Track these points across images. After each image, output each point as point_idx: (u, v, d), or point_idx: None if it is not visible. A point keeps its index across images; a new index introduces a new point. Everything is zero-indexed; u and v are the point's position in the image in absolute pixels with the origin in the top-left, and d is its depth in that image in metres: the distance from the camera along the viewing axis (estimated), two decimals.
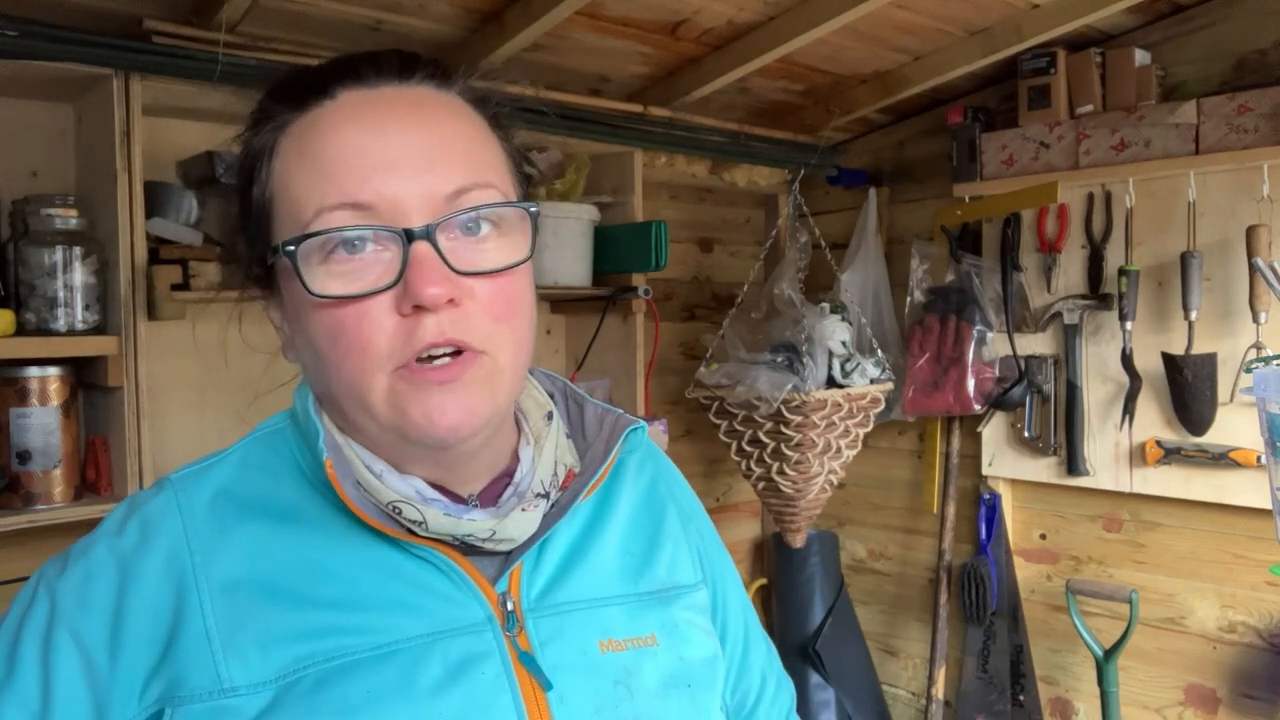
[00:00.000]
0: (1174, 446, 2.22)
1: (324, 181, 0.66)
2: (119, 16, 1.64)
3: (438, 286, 0.65)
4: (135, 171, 1.63)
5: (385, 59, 0.71)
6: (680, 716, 0.75)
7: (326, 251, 0.66)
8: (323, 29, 1.82)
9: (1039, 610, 2.56)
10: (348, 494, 0.69)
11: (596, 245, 2.32)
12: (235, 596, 0.67)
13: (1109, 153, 2.24)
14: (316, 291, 0.66)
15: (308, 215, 0.66)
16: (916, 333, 2.59)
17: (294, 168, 0.68)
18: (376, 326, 0.66)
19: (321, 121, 0.68)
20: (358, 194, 0.65)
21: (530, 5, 1.81)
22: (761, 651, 0.94)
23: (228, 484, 0.73)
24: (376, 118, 0.68)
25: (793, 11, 2.00)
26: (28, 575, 0.73)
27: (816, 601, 2.80)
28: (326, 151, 0.67)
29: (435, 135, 0.68)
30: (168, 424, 1.83)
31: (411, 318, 0.66)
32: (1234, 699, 2.25)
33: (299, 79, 0.71)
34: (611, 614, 0.75)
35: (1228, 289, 2.14)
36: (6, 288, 1.60)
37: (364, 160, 0.66)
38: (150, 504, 0.72)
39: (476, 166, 0.69)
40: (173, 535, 0.69)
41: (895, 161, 2.80)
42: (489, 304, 0.68)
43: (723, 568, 0.91)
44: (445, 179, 0.67)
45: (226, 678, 0.65)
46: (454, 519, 0.70)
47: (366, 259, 0.66)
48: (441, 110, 0.71)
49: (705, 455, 2.89)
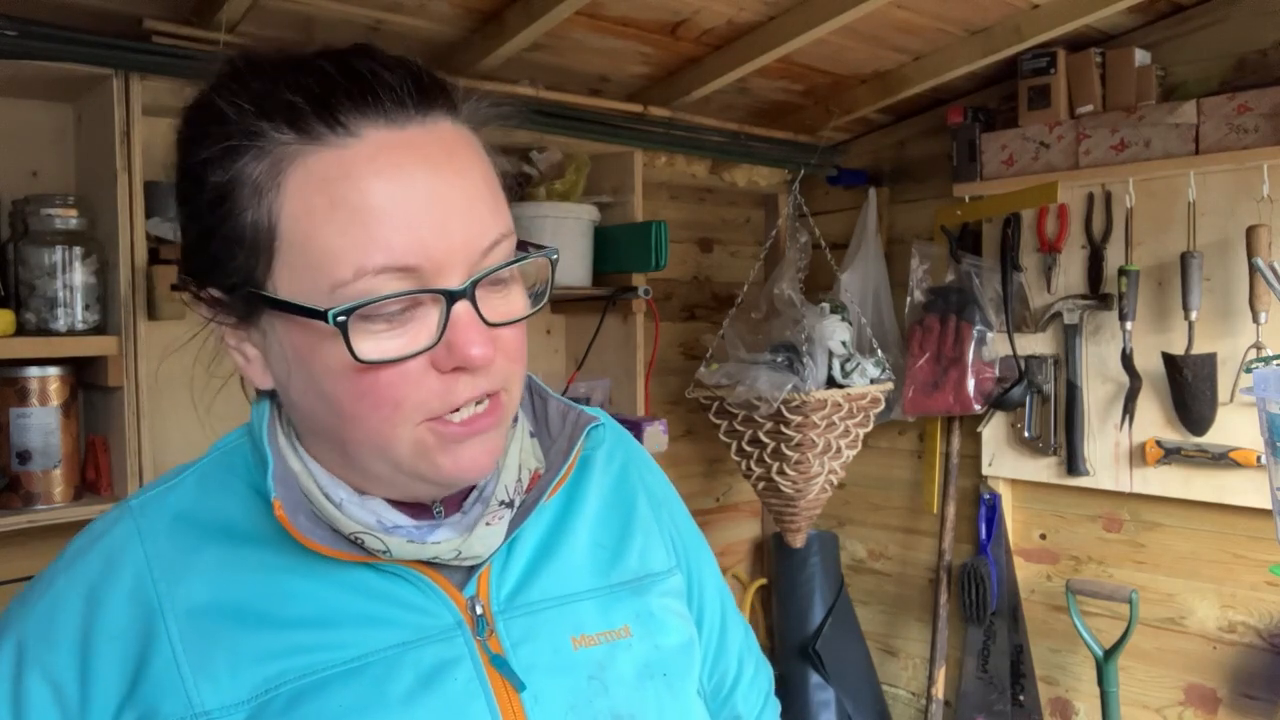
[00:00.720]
0: (1174, 446, 2.22)
1: (366, 240, 0.62)
2: (119, 16, 1.64)
3: (482, 348, 0.64)
4: (135, 171, 1.63)
5: (399, 87, 0.65)
6: (657, 706, 0.76)
7: (364, 315, 0.63)
8: (323, 29, 1.82)
9: (1039, 610, 2.56)
10: (300, 525, 0.67)
11: (596, 245, 2.32)
12: (202, 621, 0.67)
13: (1109, 153, 2.24)
14: (364, 358, 0.63)
15: (344, 274, 0.62)
16: (916, 333, 2.59)
17: (320, 216, 0.62)
18: (414, 384, 0.65)
19: (352, 168, 0.62)
20: (404, 258, 0.62)
21: (530, 5, 1.81)
22: (739, 634, 0.95)
23: (187, 507, 0.72)
24: (411, 167, 0.63)
25: (793, 11, 2.00)
26: (28, 575, 0.73)
27: (816, 601, 2.80)
28: (366, 205, 0.62)
29: (470, 185, 0.66)
30: (168, 424, 1.83)
31: (450, 375, 0.65)
32: (1234, 699, 2.25)
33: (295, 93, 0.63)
34: (583, 609, 0.76)
35: (1228, 289, 2.14)
36: (6, 288, 1.60)
37: (406, 218, 0.62)
38: (110, 533, 0.71)
39: (500, 213, 0.68)
40: (135, 564, 0.69)
41: (895, 161, 2.80)
42: (510, 349, 0.69)
43: (697, 552, 0.91)
44: (480, 234, 0.65)
45: (198, 702, 0.65)
46: (418, 545, 0.69)
47: (406, 318, 0.64)
48: (464, 152, 0.67)
49: (705, 455, 2.89)
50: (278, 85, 0.64)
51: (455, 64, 2.01)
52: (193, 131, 0.67)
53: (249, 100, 0.64)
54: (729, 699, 0.93)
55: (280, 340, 0.67)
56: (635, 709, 0.74)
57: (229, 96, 0.64)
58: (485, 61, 1.97)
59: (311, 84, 0.64)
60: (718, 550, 2.96)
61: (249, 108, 0.63)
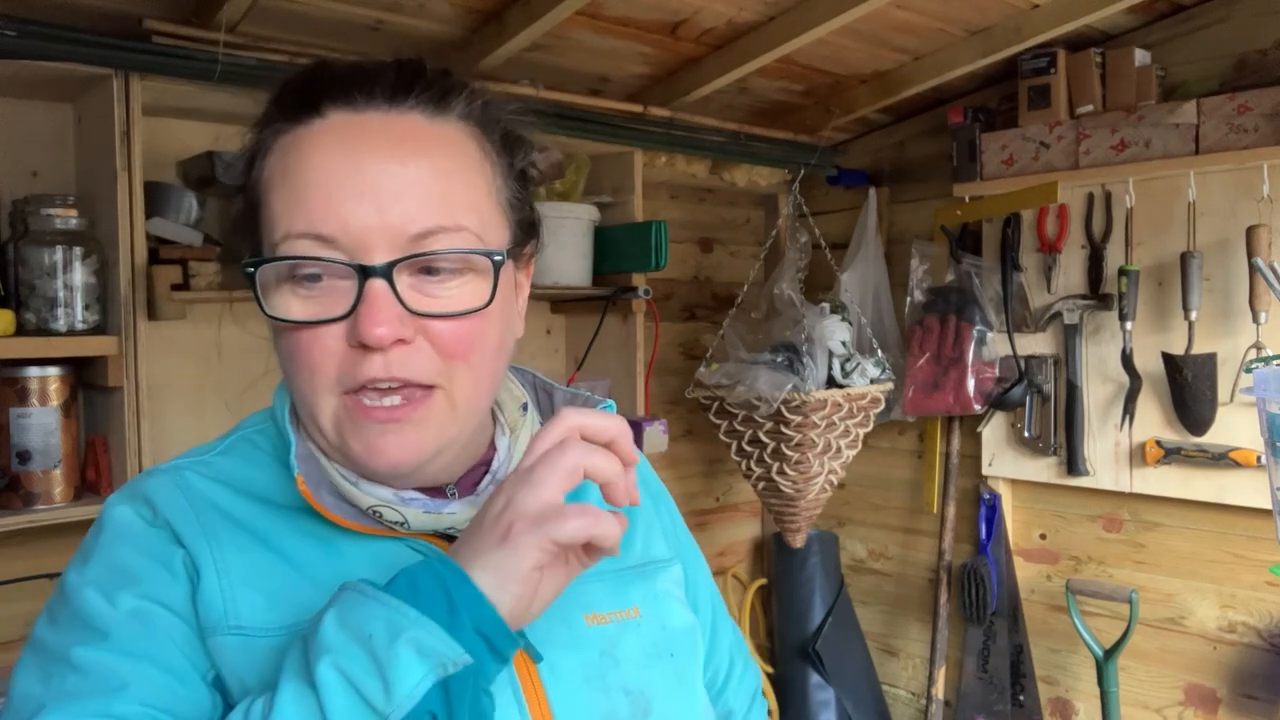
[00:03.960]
0: (1174, 446, 2.22)
1: (295, 205, 0.67)
2: (119, 16, 1.64)
3: (384, 327, 0.65)
4: (135, 171, 1.63)
5: (381, 78, 0.70)
6: (664, 683, 0.78)
7: (292, 274, 0.68)
8: (323, 29, 1.82)
9: (1039, 610, 2.56)
10: (324, 500, 0.71)
11: (596, 245, 2.32)
12: (244, 559, 0.70)
13: (1109, 153, 2.24)
14: (272, 313, 0.68)
15: (276, 236, 0.68)
16: (916, 333, 2.59)
17: (275, 182, 0.69)
18: (327, 352, 0.68)
19: (305, 142, 0.68)
20: (322, 226, 0.66)
21: (530, 5, 1.81)
22: (729, 632, 0.98)
23: (219, 473, 0.75)
24: (356, 148, 0.67)
25: (793, 11, 2.00)
26: (28, 575, 0.74)
27: (816, 601, 2.81)
28: (302, 175, 0.67)
29: (413, 172, 0.68)
30: (168, 424, 1.83)
31: (359, 350, 0.67)
32: (1234, 699, 2.25)
33: (297, 85, 0.71)
34: (594, 589, 0.78)
35: (1228, 289, 2.14)
36: (6, 288, 1.60)
37: (335, 191, 0.66)
38: (148, 483, 0.73)
39: (450, 207, 0.68)
40: (178, 506, 0.71)
41: (895, 161, 2.80)
42: (443, 343, 0.69)
43: (690, 549, 0.94)
44: (413, 219, 0.67)
45: (233, 615, 0.68)
46: (434, 515, 0.73)
47: (325, 287, 0.67)
48: (427, 144, 0.69)
49: (705, 455, 2.89)
50: (292, 83, 0.71)
51: (455, 64, 2.01)
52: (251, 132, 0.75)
53: (273, 95, 0.72)
54: (721, 695, 0.96)
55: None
56: (645, 685, 0.76)
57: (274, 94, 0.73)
58: (485, 61, 1.97)
59: (311, 79, 0.71)
60: (718, 550, 2.97)
61: (271, 100, 0.72)
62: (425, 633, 0.57)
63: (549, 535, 0.60)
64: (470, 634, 0.58)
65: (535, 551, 0.60)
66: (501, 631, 0.59)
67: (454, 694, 0.57)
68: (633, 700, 0.75)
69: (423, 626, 0.57)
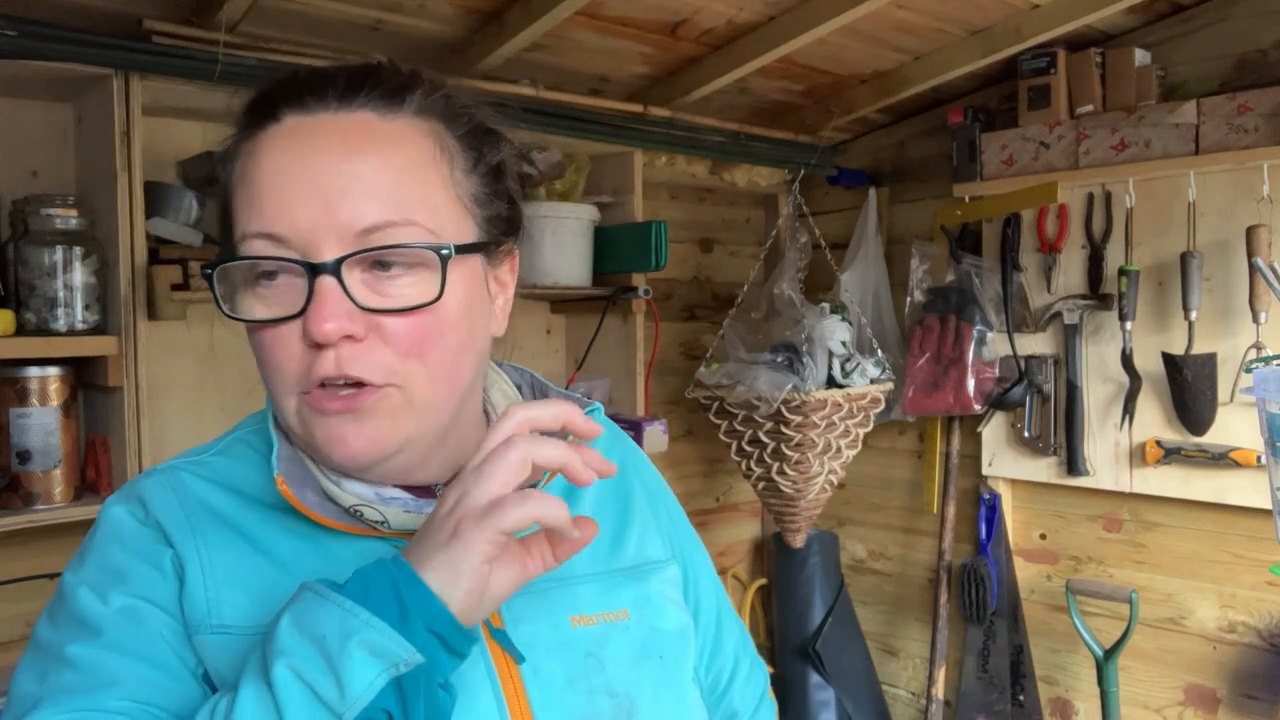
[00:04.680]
0: (1174, 446, 2.22)
1: (249, 207, 0.69)
2: (119, 16, 1.64)
3: (332, 323, 0.66)
4: (135, 171, 1.63)
5: (331, 82, 0.71)
6: (652, 685, 0.78)
7: (253, 275, 0.69)
8: (323, 29, 1.82)
9: (1039, 610, 2.56)
10: (308, 501, 0.72)
11: (596, 245, 2.32)
12: (229, 558, 0.71)
13: (1109, 153, 2.24)
14: (229, 313, 0.70)
15: (236, 237, 0.70)
16: (916, 333, 2.59)
17: (237, 188, 0.71)
18: (286, 352, 0.69)
19: (261, 146, 0.70)
20: (274, 225, 0.67)
21: (530, 5, 1.81)
22: (734, 632, 0.97)
23: (214, 473, 0.76)
24: (305, 147, 0.69)
25: (793, 11, 2.00)
26: (28, 575, 0.74)
27: (816, 601, 2.81)
28: (256, 178, 0.69)
29: (359, 168, 0.68)
30: (167, 424, 1.83)
31: (314, 349, 0.68)
32: (1234, 699, 2.25)
33: (261, 94, 0.72)
34: (583, 591, 0.79)
35: (1228, 289, 2.14)
36: (6, 288, 1.60)
37: (284, 191, 0.68)
38: (144, 484, 0.75)
39: (398, 202, 0.68)
40: (169, 506, 0.73)
41: (895, 161, 2.80)
42: (397, 340, 0.69)
43: (693, 549, 0.94)
44: (358, 215, 0.67)
45: (216, 614, 0.69)
46: (415, 514, 0.73)
47: (281, 286, 0.68)
48: (376, 140, 0.70)
49: (705, 455, 2.89)
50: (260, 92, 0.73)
51: (455, 64, 2.01)
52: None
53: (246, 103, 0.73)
54: (725, 695, 0.95)
55: None
56: (631, 687, 0.76)
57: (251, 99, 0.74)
58: (485, 61, 1.97)
59: (272, 88, 0.72)
60: (717, 550, 2.96)
61: (243, 108, 0.73)
62: (377, 634, 0.58)
63: (495, 527, 0.60)
64: (422, 633, 0.59)
65: (484, 545, 0.61)
66: (454, 629, 0.61)
67: (408, 691, 0.59)
68: (617, 702, 0.75)
69: (374, 628, 0.58)
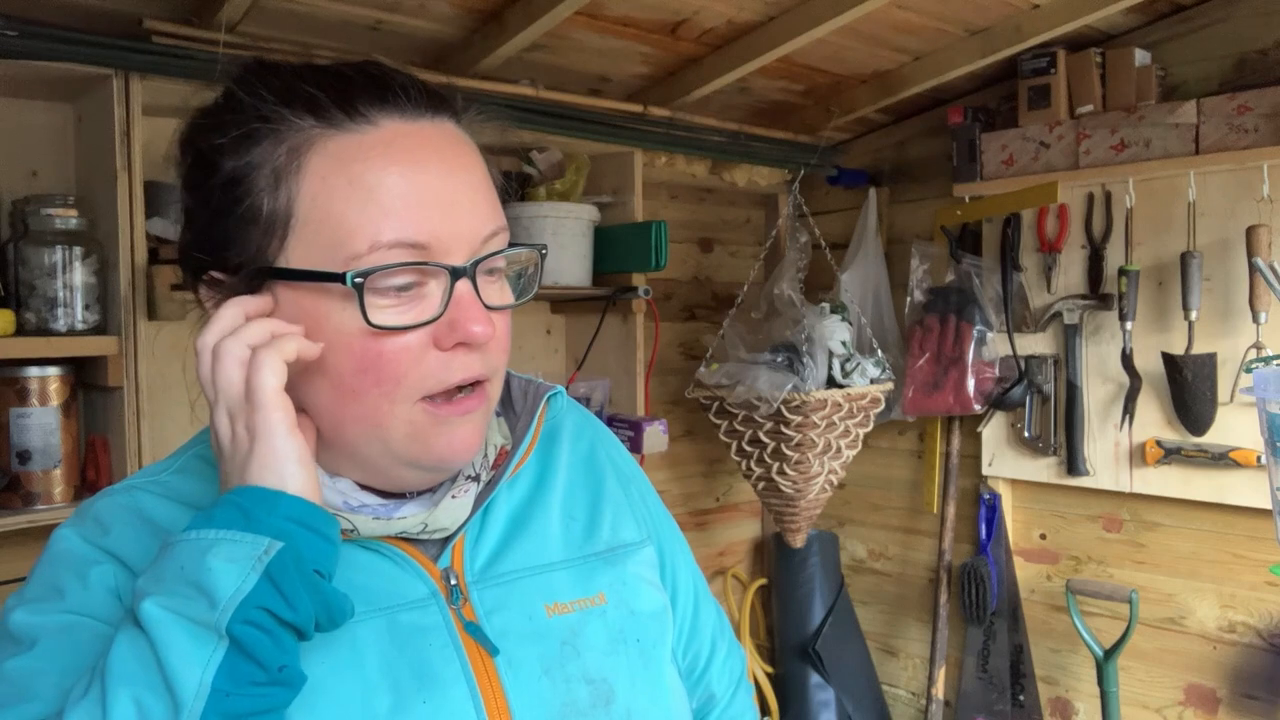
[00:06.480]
0: (1174, 446, 2.22)
1: (380, 216, 0.67)
2: (119, 16, 1.64)
3: (483, 325, 0.69)
4: (135, 171, 1.63)
5: (413, 88, 0.72)
6: (629, 671, 0.78)
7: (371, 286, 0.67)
8: (322, 29, 1.82)
9: (1039, 610, 2.56)
10: None
11: (596, 245, 2.32)
12: None
13: (1109, 153, 2.24)
14: (376, 323, 0.67)
15: (359, 247, 0.67)
16: (916, 333, 2.59)
17: (339, 194, 0.67)
18: (414, 359, 0.69)
19: (370, 152, 0.68)
20: (415, 234, 0.67)
21: (530, 5, 1.81)
22: (711, 616, 0.97)
23: (172, 492, 0.76)
24: (423, 156, 0.69)
25: (793, 11, 2.00)
26: (28, 575, 0.74)
27: (816, 601, 2.81)
28: (382, 185, 0.67)
29: (471, 177, 0.72)
30: (167, 424, 1.83)
31: (450, 352, 0.69)
32: (1234, 699, 2.25)
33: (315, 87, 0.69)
34: (557, 578, 0.79)
35: (1228, 289, 2.14)
36: (6, 288, 1.60)
37: (418, 199, 0.68)
38: (98, 504, 0.75)
39: (497, 210, 0.73)
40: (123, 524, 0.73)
41: (895, 161, 2.80)
42: (502, 338, 0.73)
43: (669, 531, 0.94)
44: (483, 221, 0.71)
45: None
46: (384, 521, 0.74)
47: (412, 294, 0.69)
48: (468, 151, 0.74)
49: (705, 455, 2.89)
50: (297, 80, 0.70)
51: (455, 64, 2.01)
52: (209, 121, 0.72)
53: (270, 92, 0.69)
54: (702, 678, 0.95)
55: (286, 315, 0.70)
56: (608, 673, 0.77)
57: (249, 89, 0.70)
58: (485, 61, 1.97)
59: (330, 79, 0.70)
60: (718, 550, 2.97)
61: (270, 98, 0.69)
62: (228, 541, 0.61)
63: (265, 385, 0.64)
64: (273, 523, 0.61)
65: (276, 413, 0.64)
66: (307, 510, 0.63)
67: (281, 580, 0.60)
68: (594, 689, 0.76)
69: (224, 538, 0.61)
